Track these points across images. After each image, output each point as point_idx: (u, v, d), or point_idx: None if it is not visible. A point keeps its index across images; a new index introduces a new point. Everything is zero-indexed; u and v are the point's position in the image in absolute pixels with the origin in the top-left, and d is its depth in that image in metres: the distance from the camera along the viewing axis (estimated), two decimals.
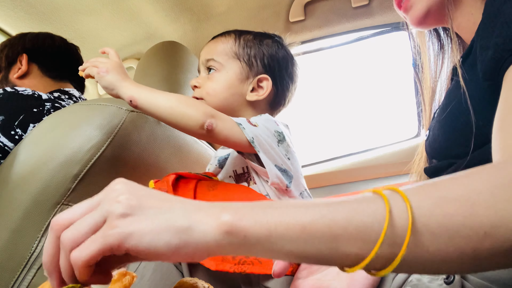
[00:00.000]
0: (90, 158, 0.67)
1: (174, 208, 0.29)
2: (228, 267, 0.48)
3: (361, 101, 1.90)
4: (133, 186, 0.31)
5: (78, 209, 0.31)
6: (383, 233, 0.26)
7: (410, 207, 0.27)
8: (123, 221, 0.28)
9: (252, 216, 0.28)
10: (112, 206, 0.29)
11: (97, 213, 0.29)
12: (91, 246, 0.28)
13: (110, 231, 0.28)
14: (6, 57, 0.99)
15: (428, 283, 0.39)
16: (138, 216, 0.28)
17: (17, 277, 0.60)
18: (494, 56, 0.39)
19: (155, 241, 0.27)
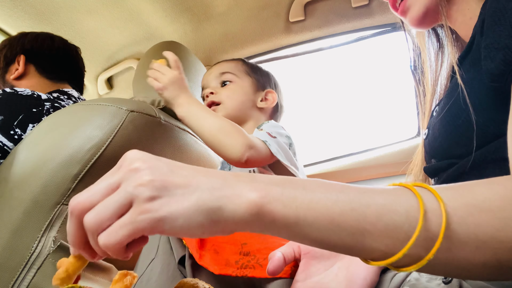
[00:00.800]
0: (90, 158, 0.67)
1: (201, 185, 0.28)
2: (230, 271, 0.48)
3: (361, 101, 1.90)
4: (152, 162, 0.30)
5: (97, 190, 0.29)
6: (414, 235, 0.26)
7: (445, 212, 0.26)
8: (152, 204, 0.27)
9: (282, 200, 0.28)
10: (137, 189, 0.27)
11: (120, 196, 0.28)
12: (120, 231, 0.27)
13: (141, 216, 0.27)
14: (4, 57, 0.99)
15: (427, 282, 0.39)
16: (167, 197, 0.27)
17: (17, 277, 0.60)
18: (504, 59, 0.38)
19: (188, 223, 0.27)
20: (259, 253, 0.48)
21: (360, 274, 0.38)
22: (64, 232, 0.65)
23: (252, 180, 0.29)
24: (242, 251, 0.49)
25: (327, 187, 0.29)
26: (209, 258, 0.51)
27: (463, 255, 0.26)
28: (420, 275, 0.41)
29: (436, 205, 0.27)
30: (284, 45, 1.44)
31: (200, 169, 0.30)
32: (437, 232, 0.26)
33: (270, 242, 0.49)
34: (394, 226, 0.27)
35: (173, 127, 0.88)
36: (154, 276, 0.55)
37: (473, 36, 0.48)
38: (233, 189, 0.28)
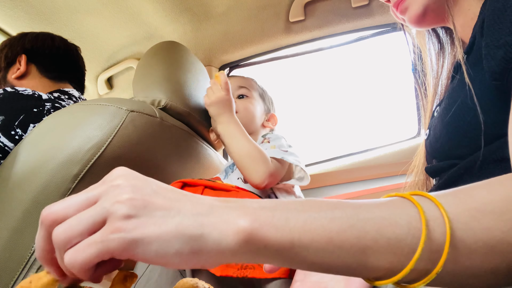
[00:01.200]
0: (90, 158, 0.67)
1: (184, 210, 0.26)
2: (231, 272, 0.49)
3: (361, 101, 1.90)
4: (136, 181, 0.27)
5: (73, 202, 0.27)
6: (419, 248, 0.24)
7: (448, 219, 0.25)
8: (127, 223, 0.25)
9: (274, 223, 0.25)
10: (114, 206, 0.25)
11: (95, 211, 0.26)
12: (88, 250, 0.25)
13: (112, 235, 0.24)
14: (5, 57, 0.99)
15: None
16: (144, 218, 0.25)
17: (17, 277, 0.60)
18: (505, 56, 0.38)
19: (164, 249, 0.24)
20: None
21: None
22: None
23: (241, 206, 0.27)
24: None
25: (321, 205, 0.27)
26: None
27: (472, 263, 0.25)
28: None
29: (438, 213, 0.25)
30: (284, 45, 1.44)
31: (187, 194, 0.28)
32: (442, 242, 0.25)
33: None
34: (397, 240, 0.25)
35: (173, 127, 0.88)
36: (153, 277, 0.55)
37: (474, 36, 0.47)
38: (220, 215, 0.26)
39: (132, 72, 1.51)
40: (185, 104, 0.92)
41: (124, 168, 0.29)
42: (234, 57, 1.49)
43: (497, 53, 0.39)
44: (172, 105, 0.89)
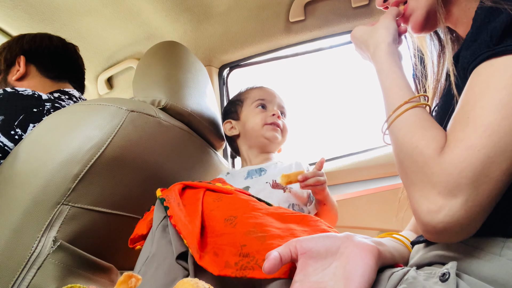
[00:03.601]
0: (90, 158, 0.67)
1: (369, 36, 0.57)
2: (230, 272, 0.48)
3: (361, 101, 1.90)
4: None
5: None
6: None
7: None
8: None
9: (381, 61, 0.56)
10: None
11: None
12: None
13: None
14: (4, 60, 0.99)
15: (424, 281, 0.39)
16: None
17: (17, 277, 0.60)
18: (467, 60, 0.43)
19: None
20: (258, 254, 0.48)
21: (358, 272, 0.38)
22: (64, 232, 0.65)
23: (380, 43, 0.56)
24: (241, 253, 0.49)
25: (394, 71, 0.53)
26: (209, 260, 0.51)
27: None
28: (417, 273, 0.41)
29: None
30: (284, 45, 1.44)
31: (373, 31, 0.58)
32: None
33: (270, 243, 0.49)
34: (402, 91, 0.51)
35: (173, 127, 0.88)
36: (149, 270, 0.55)
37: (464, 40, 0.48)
38: (376, 40, 0.59)
39: (132, 72, 1.51)
40: (185, 104, 0.92)
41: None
42: (234, 57, 1.49)
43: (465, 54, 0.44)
44: (172, 105, 0.89)
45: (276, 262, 0.41)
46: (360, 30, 0.63)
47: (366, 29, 0.62)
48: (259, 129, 1.05)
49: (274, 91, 1.14)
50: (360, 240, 0.42)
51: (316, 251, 0.42)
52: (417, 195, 0.41)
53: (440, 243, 0.46)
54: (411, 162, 0.43)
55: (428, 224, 0.39)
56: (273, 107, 1.09)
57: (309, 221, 0.56)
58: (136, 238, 0.66)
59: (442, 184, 0.38)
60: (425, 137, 0.43)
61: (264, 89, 1.14)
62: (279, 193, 0.93)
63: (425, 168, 0.41)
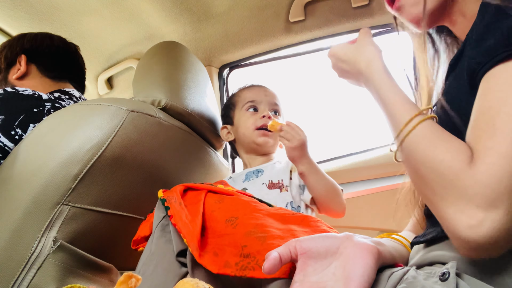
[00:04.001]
0: (90, 158, 0.67)
1: (355, 59, 0.52)
2: (229, 271, 0.48)
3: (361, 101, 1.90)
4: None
5: None
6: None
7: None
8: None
9: (373, 80, 0.53)
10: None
11: None
12: None
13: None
14: (5, 58, 0.99)
15: (424, 280, 0.39)
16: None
17: (17, 277, 0.60)
18: (477, 61, 0.41)
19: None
20: (259, 254, 0.48)
21: (357, 272, 0.38)
22: (64, 232, 0.65)
23: (371, 63, 0.54)
24: (242, 253, 0.50)
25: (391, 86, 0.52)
26: (209, 259, 0.52)
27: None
28: (417, 273, 0.41)
29: None
30: (284, 45, 1.44)
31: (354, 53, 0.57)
32: None
33: (270, 244, 0.49)
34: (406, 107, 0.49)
35: (173, 127, 0.88)
36: (149, 269, 0.55)
37: (465, 40, 0.48)
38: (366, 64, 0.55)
39: (132, 72, 1.51)
40: (185, 104, 0.92)
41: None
42: (234, 57, 1.49)
43: (471, 61, 0.42)
44: (172, 105, 0.89)
45: (276, 262, 0.41)
46: (343, 48, 0.62)
47: (350, 47, 0.61)
48: (250, 134, 1.02)
49: (265, 88, 1.10)
50: (359, 240, 0.42)
51: (316, 251, 0.42)
52: (451, 211, 0.38)
53: (440, 244, 0.46)
54: (438, 177, 0.40)
55: (470, 240, 0.37)
56: (265, 107, 1.05)
57: (309, 221, 0.56)
58: (139, 239, 0.67)
59: (480, 197, 0.36)
60: (449, 149, 0.40)
61: (253, 89, 1.10)
62: (276, 192, 0.93)
63: (456, 182, 0.38)
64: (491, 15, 0.42)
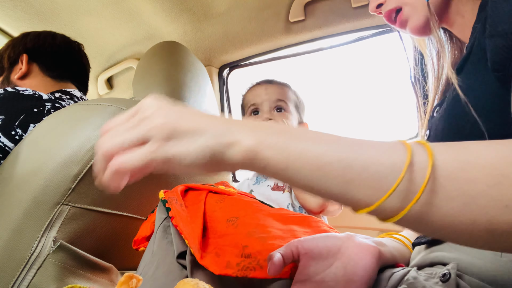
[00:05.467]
0: (90, 158, 0.67)
1: (206, 132, 0.32)
2: (231, 272, 0.48)
3: (361, 101, 1.90)
4: (163, 110, 0.34)
5: (118, 130, 0.35)
6: (394, 185, 0.26)
7: (431, 165, 0.26)
8: (167, 144, 0.32)
9: (275, 148, 0.31)
10: (151, 131, 0.33)
11: (137, 133, 0.33)
12: (141, 156, 0.32)
13: (159, 149, 0.32)
14: (8, 58, 0.99)
15: (425, 281, 0.39)
16: (177, 140, 0.32)
17: (17, 277, 0.60)
18: (506, 44, 0.37)
19: (194, 162, 0.32)
20: (260, 255, 0.48)
21: (358, 272, 0.38)
22: (64, 232, 0.65)
23: (252, 129, 0.32)
24: (243, 254, 0.50)
25: (321, 138, 0.31)
26: (210, 260, 0.52)
27: (449, 211, 0.25)
28: (418, 274, 0.41)
29: (425, 158, 0.26)
30: (284, 45, 1.44)
31: (206, 116, 0.35)
32: (420, 184, 0.26)
33: (271, 244, 0.49)
34: (379, 176, 0.27)
35: None
36: (150, 271, 0.55)
37: (474, 36, 0.47)
38: (234, 135, 0.32)
39: (132, 72, 1.51)
40: (185, 104, 0.92)
41: (150, 100, 0.36)
42: (234, 57, 1.49)
43: (497, 41, 0.38)
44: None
45: (280, 264, 0.41)
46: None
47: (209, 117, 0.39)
48: None
49: (266, 86, 1.08)
50: (361, 240, 0.42)
51: (317, 252, 0.42)
52: None
53: (441, 245, 0.46)
54: None
55: None
56: (266, 108, 1.04)
57: (310, 222, 0.56)
58: (140, 239, 0.67)
59: None
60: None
61: (254, 90, 1.09)
62: (279, 194, 0.94)
63: None
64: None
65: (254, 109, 1.06)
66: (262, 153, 0.31)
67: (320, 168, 0.29)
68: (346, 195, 0.28)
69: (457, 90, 0.45)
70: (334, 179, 0.28)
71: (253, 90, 1.10)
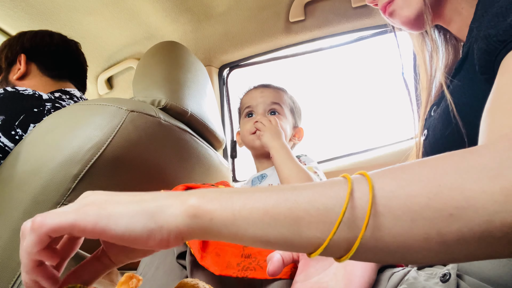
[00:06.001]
0: (90, 158, 0.67)
1: (145, 197, 0.30)
2: (231, 272, 0.49)
3: (361, 101, 1.90)
4: (95, 197, 0.31)
5: None
6: (341, 214, 0.26)
7: (371, 188, 0.26)
8: (99, 205, 0.29)
9: (218, 200, 0.29)
10: (85, 200, 0.30)
11: (69, 206, 0.30)
12: (63, 215, 0.28)
13: (87, 208, 0.29)
14: (5, 58, 0.99)
15: (425, 281, 0.39)
16: (113, 204, 0.29)
17: (17, 277, 0.60)
18: (487, 48, 0.38)
19: (132, 224, 0.28)
20: (260, 255, 0.48)
21: (358, 273, 0.38)
22: None
23: (193, 191, 0.30)
24: (243, 254, 0.50)
25: (265, 188, 0.30)
26: (211, 260, 0.52)
27: (400, 231, 0.25)
28: (418, 274, 0.41)
29: (365, 185, 0.27)
30: (284, 45, 1.44)
31: (143, 193, 0.32)
32: (365, 209, 0.26)
33: None
34: (326, 209, 0.27)
35: (173, 127, 0.88)
36: (150, 271, 0.55)
37: (471, 36, 0.47)
38: (174, 197, 0.30)
39: (132, 72, 1.51)
40: (185, 104, 0.92)
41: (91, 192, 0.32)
42: (234, 57, 1.50)
43: (480, 45, 0.39)
44: (172, 105, 0.89)
45: (279, 264, 0.41)
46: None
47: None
48: (247, 140, 1.05)
49: (262, 89, 1.10)
50: None
51: None
52: None
53: None
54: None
55: None
56: (259, 111, 1.05)
57: None
58: None
59: None
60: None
61: (251, 93, 1.11)
62: None
63: None
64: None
65: (249, 112, 1.07)
66: (206, 207, 0.28)
67: (266, 212, 0.28)
68: (300, 236, 0.27)
69: (446, 95, 0.46)
70: (283, 221, 0.27)
71: (249, 93, 1.11)
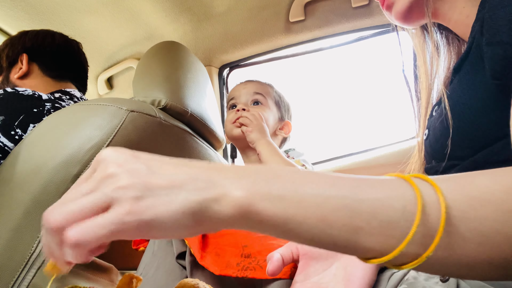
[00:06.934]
0: (90, 158, 0.67)
1: (185, 186, 0.27)
2: (231, 272, 0.49)
3: (361, 101, 1.90)
4: (129, 165, 0.27)
5: (69, 197, 0.27)
6: (411, 232, 0.24)
7: (445, 206, 0.24)
8: (138, 205, 0.25)
9: (270, 199, 0.26)
10: (116, 192, 0.26)
11: (96, 197, 0.26)
12: (107, 222, 0.25)
13: (126, 217, 0.25)
14: (7, 57, 0.99)
15: (424, 281, 0.39)
16: (151, 199, 0.26)
17: (17, 277, 0.60)
18: (505, 54, 0.36)
19: (176, 225, 0.26)
20: (259, 255, 0.48)
21: (358, 273, 0.38)
22: None
23: (239, 176, 0.27)
24: (243, 253, 0.50)
25: (318, 181, 0.27)
26: (210, 260, 0.52)
27: (465, 252, 0.24)
28: (418, 273, 0.41)
29: (435, 198, 0.25)
30: (284, 45, 1.44)
31: (182, 164, 0.29)
32: (435, 228, 0.24)
33: (270, 244, 0.49)
34: (389, 222, 0.25)
35: (173, 127, 0.88)
36: (150, 271, 0.55)
37: (473, 36, 0.47)
38: (218, 188, 0.26)
39: (132, 72, 1.51)
40: (185, 104, 0.92)
41: (110, 151, 0.29)
42: (234, 57, 1.50)
43: (495, 50, 0.38)
44: (172, 105, 0.89)
45: (279, 264, 0.41)
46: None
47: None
48: (228, 130, 1.04)
49: (246, 82, 1.10)
50: None
51: (317, 252, 0.42)
52: None
53: None
54: None
55: None
56: (242, 101, 1.05)
57: None
58: (139, 239, 0.67)
59: None
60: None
61: (236, 86, 1.12)
62: None
63: None
64: None
65: (233, 104, 1.07)
66: (255, 207, 0.26)
67: (323, 218, 0.25)
68: (355, 245, 0.26)
69: (444, 98, 0.45)
70: (340, 228, 0.25)
71: (235, 87, 1.12)
